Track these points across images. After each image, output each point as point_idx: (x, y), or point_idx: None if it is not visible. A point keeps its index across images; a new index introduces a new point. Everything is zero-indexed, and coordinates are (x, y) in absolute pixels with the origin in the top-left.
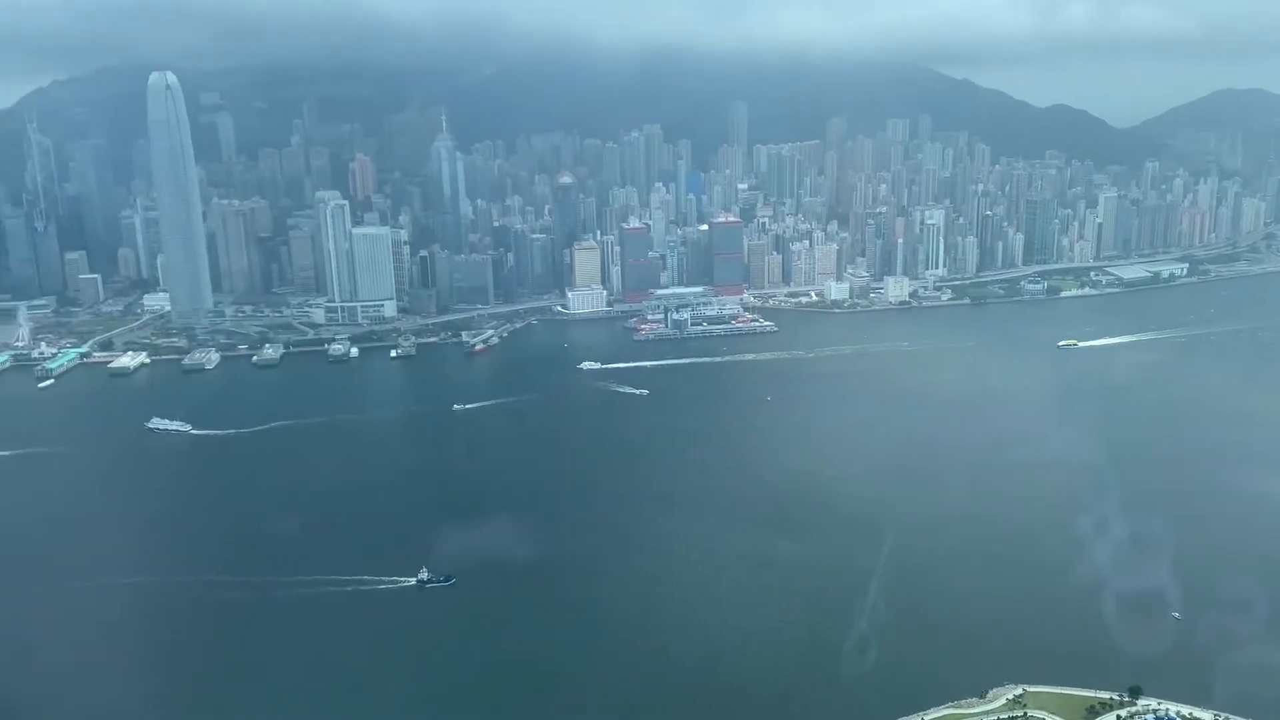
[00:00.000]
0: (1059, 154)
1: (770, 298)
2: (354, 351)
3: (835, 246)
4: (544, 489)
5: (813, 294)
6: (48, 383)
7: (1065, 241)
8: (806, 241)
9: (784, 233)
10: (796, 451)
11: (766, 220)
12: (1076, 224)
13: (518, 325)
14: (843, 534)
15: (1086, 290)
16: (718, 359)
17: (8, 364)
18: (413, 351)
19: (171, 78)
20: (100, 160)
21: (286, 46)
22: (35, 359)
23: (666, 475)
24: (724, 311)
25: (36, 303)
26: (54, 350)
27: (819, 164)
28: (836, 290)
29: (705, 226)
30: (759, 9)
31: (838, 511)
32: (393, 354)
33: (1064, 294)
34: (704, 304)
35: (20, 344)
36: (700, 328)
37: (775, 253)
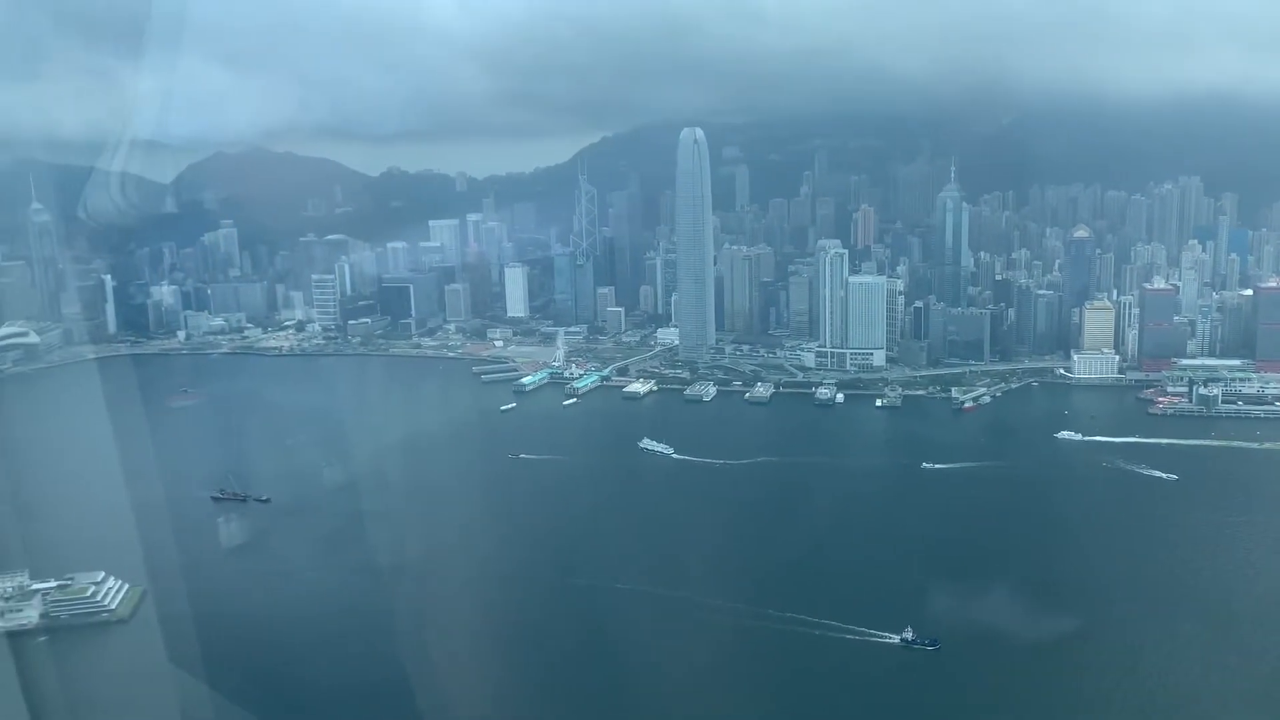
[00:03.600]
0: None
1: None
2: (839, 397)
3: None
4: (1034, 564)
5: None
6: (572, 400)
7: None
8: None
9: None
10: None
11: None
12: None
13: (1013, 385)
14: None
15: None
16: (1253, 445)
17: (545, 380)
18: (898, 403)
19: (699, 133)
20: (633, 207)
21: (802, 101)
22: (566, 378)
23: (1187, 572)
24: (1267, 390)
25: (572, 329)
26: (581, 372)
27: None
28: None
29: (1249, 292)
30: None
31: None
32: (877, 403)
33: None
34: (1241, 380)
35: (557, 364)
36: (1234, 406)
37: None
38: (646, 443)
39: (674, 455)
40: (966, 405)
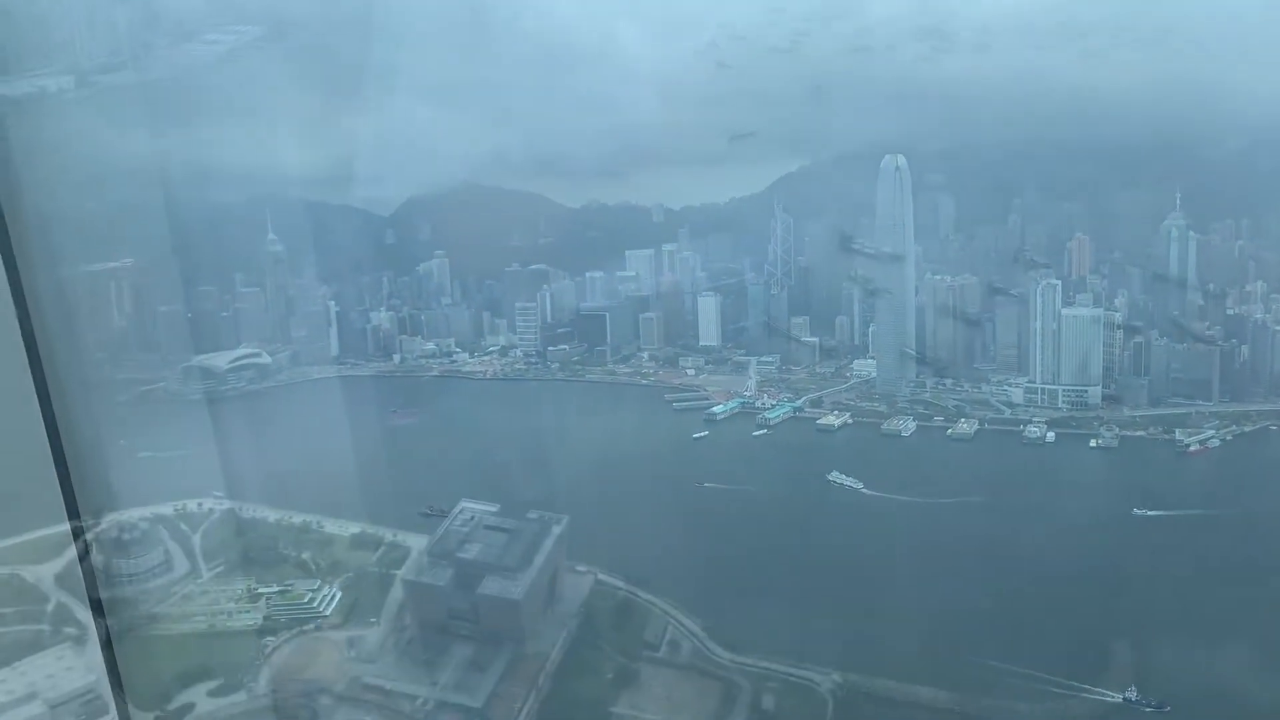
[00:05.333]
0: None
1: None
2: (1050, 436)
3: None
4: (1274, 624)
5: None
6: (762, 431)
7: None
8: None
9: None
10: None
11: None
12: None
13: (1247, 428)
14: None
15: None
16: None
17: (736, 409)
18: (1114, 443)
19: (901, 160)
20: (830, 236)
21: (1009, 126)
22: (758, 408)
23: None
24: None
25: (764, 359)
26: (773, 402)
27: None
28: None
29: None
30: None
31: None
32: (1091, 443)
33: None
34: None
35: (748, 394)
36: None
37: None
38: (835, 476)
39: (864, 490)
40: (1194, 448)
